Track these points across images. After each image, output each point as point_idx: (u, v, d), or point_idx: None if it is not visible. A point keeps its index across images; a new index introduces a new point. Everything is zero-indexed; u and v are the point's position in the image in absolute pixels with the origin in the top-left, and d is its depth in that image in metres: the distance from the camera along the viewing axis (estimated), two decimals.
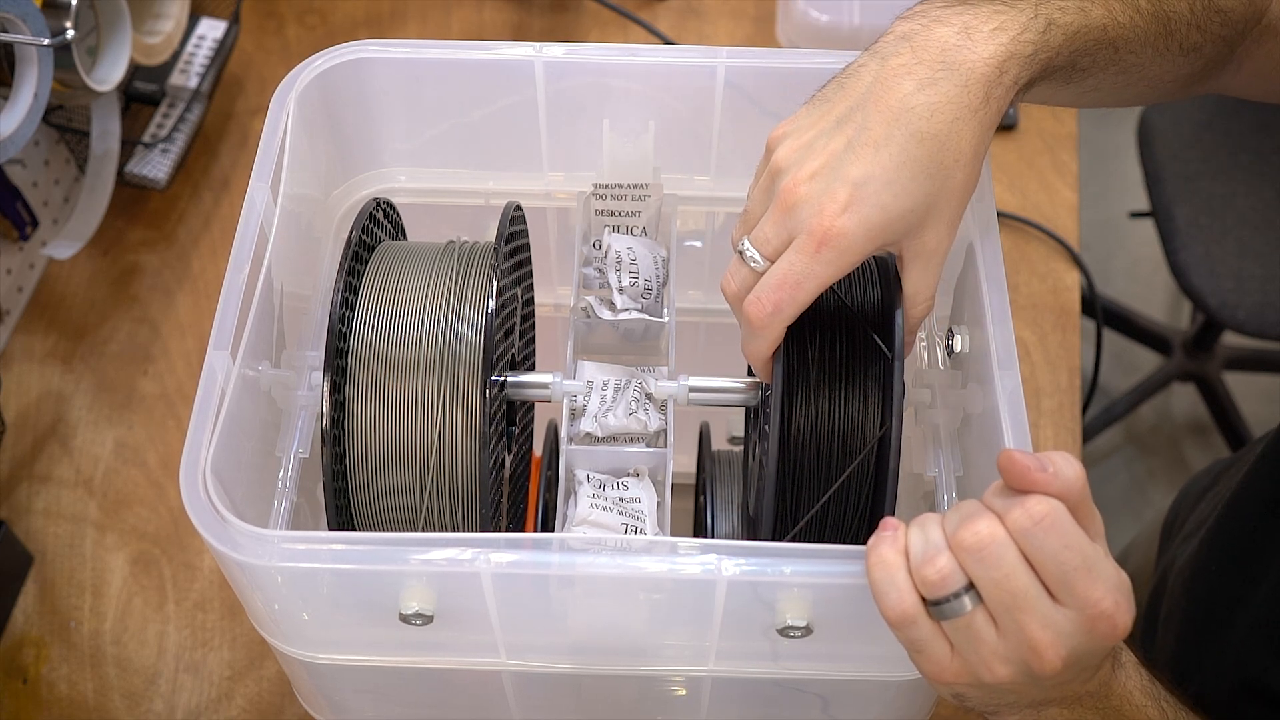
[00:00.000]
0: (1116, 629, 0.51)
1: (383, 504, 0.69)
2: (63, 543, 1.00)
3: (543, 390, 0.72)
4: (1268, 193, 1.56)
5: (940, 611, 0.52)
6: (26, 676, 0.94)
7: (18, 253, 1.11)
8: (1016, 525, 0.51)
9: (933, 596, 0.52)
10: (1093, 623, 0.51)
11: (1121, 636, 0.52)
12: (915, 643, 0.54)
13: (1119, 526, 1.90)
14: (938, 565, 0.52)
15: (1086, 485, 0.53)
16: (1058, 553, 0.50)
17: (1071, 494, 0.52)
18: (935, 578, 0.52)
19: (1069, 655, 0.51)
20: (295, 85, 0.74)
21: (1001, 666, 0.52)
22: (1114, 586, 0.51)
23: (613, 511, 0.68)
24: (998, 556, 0.51)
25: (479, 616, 0.62)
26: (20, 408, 1.07)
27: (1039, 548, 0.51)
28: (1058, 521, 0.51)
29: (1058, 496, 0.51)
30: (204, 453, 0.60)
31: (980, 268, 0.67)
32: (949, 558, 0.52)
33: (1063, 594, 0.51)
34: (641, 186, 0.80)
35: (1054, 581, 0.51)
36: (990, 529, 0.51)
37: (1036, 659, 0.51)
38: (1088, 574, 0.50)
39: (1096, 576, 0.51)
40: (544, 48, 0.76)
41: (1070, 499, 0.52)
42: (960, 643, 0.53)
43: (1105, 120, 2.27)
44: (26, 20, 0.88)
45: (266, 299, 0.67)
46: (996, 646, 0.52)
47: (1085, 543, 0.51)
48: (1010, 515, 0.51)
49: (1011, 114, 1.27)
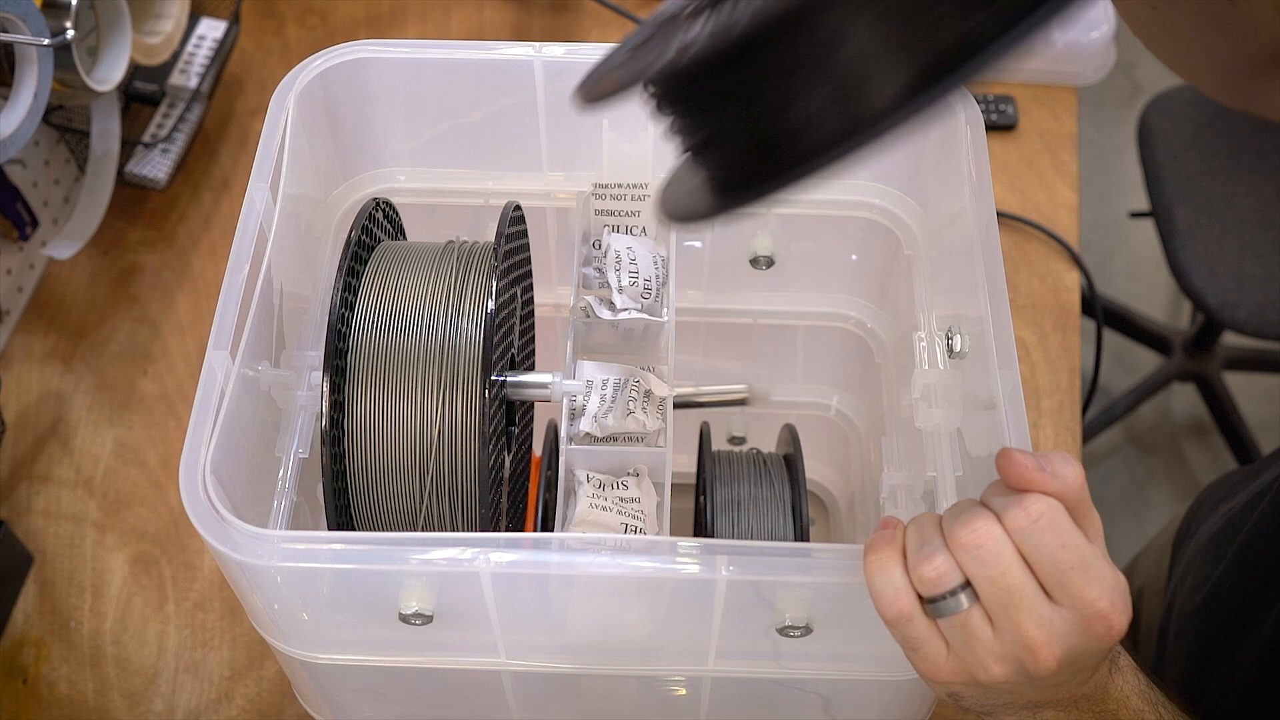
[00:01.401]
0: (1112, 629, 0.51)
1: (382, 504, 0.69)
2: (63, 543, 1.00)
3: (542, 390, 0.72)
4: (1268, 193, 1.56)
5: (936, 609, 0.52)
6: (26, 676, 0.94)
7: (18, 253, 1.11)
8: (1014, 524, 0.51)
9: (929, 594, 0.52)
10: (1089, 623, 0.51)
11: (1117, 637, 0.52)
12: (911, 641, 0.54)
13: (1119, 526, 1.90)
14: (934, 563, 0.52)
15: (1085, 485, 0.53)
16: (1054, 552, 0.50)
17: (1070, 494, 0.52)
18: (932, 575, 0.52)
19: (1064, 655, 0.51)
20: (295, 85, 0.74)
21: (997, 665, 0.52)
22: (1110, 587, 0.51)
23: (612, 511, 0.68)
24: (994, 555, 0.51)
25: (479, 616, 0.62)
26: (20, 408, 1.07)
27: (1035, 547, 0.51)
28: (1055, 521, 0.51)
29: (1055, 496, 0.51)
30: (204, 453, 0.60)
31: (980, 268, 0.67)
32: (946, 556, 0.52)
33: (1059, 593, 0.51)
34: (641, 186, 0.80)
35: (1050, 581, 0.51)
36: (987, 527, 0.51)
37: (1032, 658, 0.51)
38: (1084, 574, 0.50)
39: (1093, 576, 0.51)
40: (544, 48, 0.76)
41: (1068, 499, 0.52)
42: (956, 641, 0.53)
43: (1105, 120, 2.27)
44: (26, 20, 0.88)
45: (266, 299, 0.67)
46: (992, 645, 0.52)
47: (1082, 542, 0.51)
48: (1008, 514, 0.51)
49: (1011, 114, 1.27)
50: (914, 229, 0.80)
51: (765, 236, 0.86)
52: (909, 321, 0.78)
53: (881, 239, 0.83)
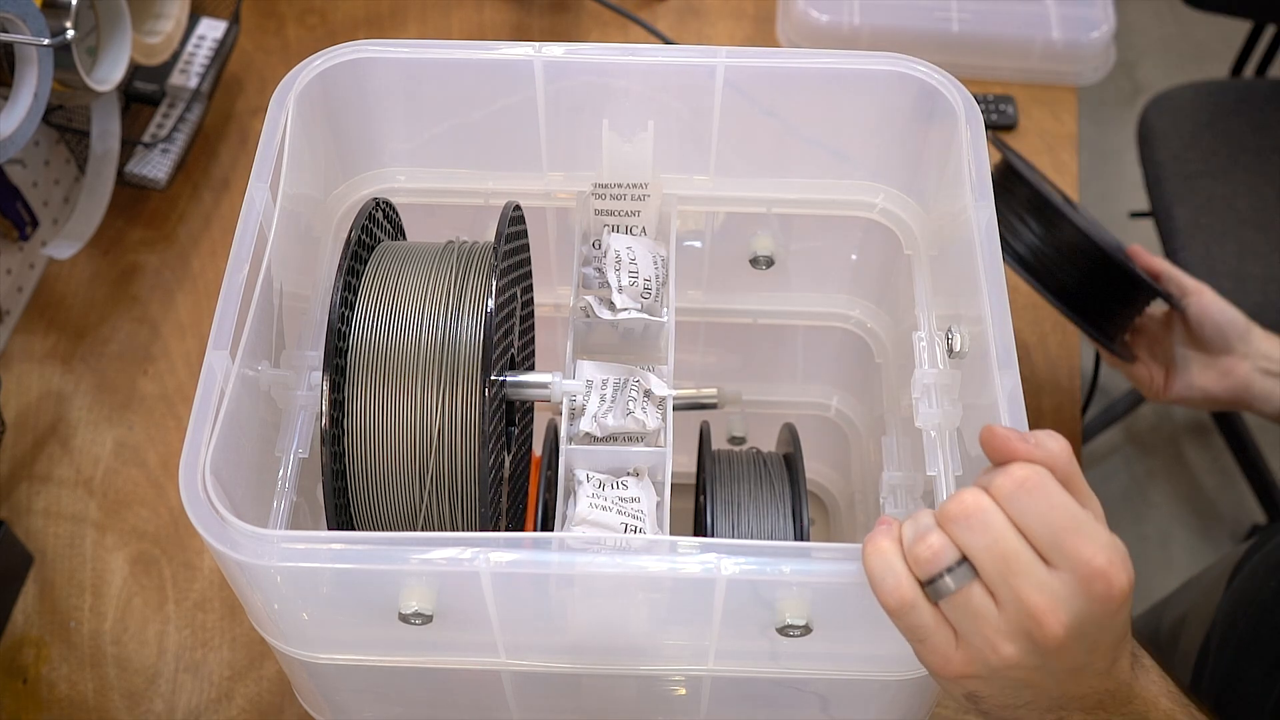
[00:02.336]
0: (1112, 587, 0.50)
1: (382, 504, 0.69)
2: (63, 543, 1.00)
3: (542, 390, 0.72)
4: (1268, 193, 1.56)
5: (936, 590, 0.52)
6: (26, 676, 0.94)
7: (18, 253, 1.11)
8: (1000, 490, 0.51)
9: (926, 575, 0.52)
10: (1088, 583, 0.50)
11: (1120, 598, 0.51)
12: (917, 631, 0.53)
13: (1119, 526, 1.89)
14: (929, 541, 0.52)
15: (1074, 461, 0.53)
16: (1045, 514, 0.50)
17: (1057, 464, 0.52)
18: (927, 554, 0.52)
19: (1070, 621, 0.51)
20: (295, 85, 0.74)
21: (1005, 643, 0.51)
22: (1106, 544, 0.51)
23: (612, 511, 0.68)
24: (984, 522, 0.51)
25: (478, 616, 0.62)
26: (20, 408, 1.07)
27: (1024, 510, 0.51)
28: (1042, 484, 0.51)
29: (1042, 465, 0.52)
30: (203, 453, 0.60)
31: (980, 267, 0.67)
32: (939, 533, 0.52)
33: (1054, 556, 0.51)
34: (641, 186, 0.80)
35: (1044, 544, 0.51)
36: (975, 498, 0.51)
37: (1038, 626, 0.50)
38: (1077, 534, 0.50)
39: (1087, 535, 0.50)
40: (544, 48, 0.76)
41: (1056, 469, 0.52)
42: (961, 623, 0.52)
43: (1105, 120, 2.27)
44: (26, 20, 0.88)
45: (266, 299, 0.67)
46: (997, 622, 0.51)
47: (1072, 504, 0.51)
48: (994, 483, 0.51)
49: (1011, 114, 1.27)
50: (914, 229, 0.80)
51: (765, 236, 0.86)
52: (909, 321, 0.78)
53: (881, 239, 0.83)
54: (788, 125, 0.79)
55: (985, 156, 0.71)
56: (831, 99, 0.78)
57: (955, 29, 1.29)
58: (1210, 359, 1.00)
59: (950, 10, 1.30)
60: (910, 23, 1.30)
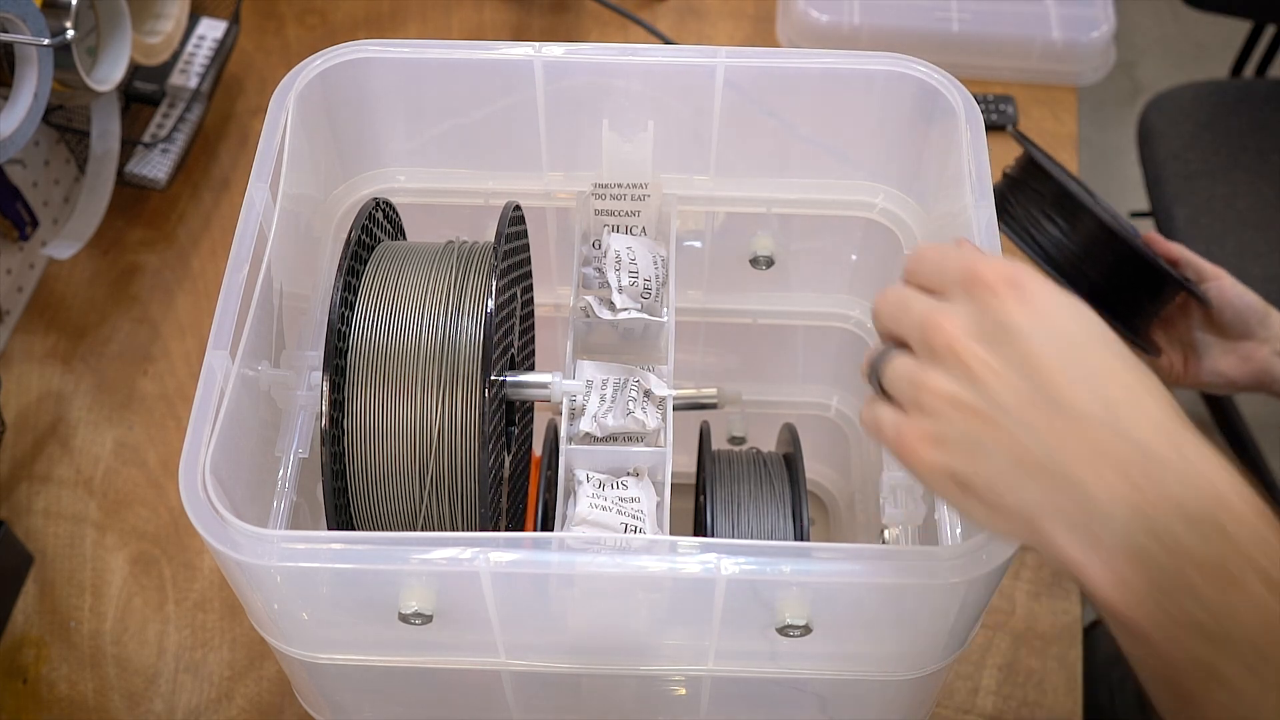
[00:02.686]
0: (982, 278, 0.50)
1: (382, 504, 0.69)
2: (63, 543, 1.00)
3: (542, 390, 0.72)
4: (1268, 193, 1.56)
5: (877, 378, 0.55)
6: (26, 676, 0.94)
7: (18, 253, 1.11)
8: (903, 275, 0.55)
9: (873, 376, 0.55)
10: (967, 285, 0.51)
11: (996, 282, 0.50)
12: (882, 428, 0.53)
13: None
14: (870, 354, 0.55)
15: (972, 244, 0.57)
16: (933, 261, 0.53)
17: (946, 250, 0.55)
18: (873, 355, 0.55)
19: (965, 323, 0.50)
20: (295, 85, 0.74)
21: (926, 374, 0.51)
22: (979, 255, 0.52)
23: (612, 511, 0.68)
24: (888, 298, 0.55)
25: (478, 616, 0.62)
26: (20, 408, 1.07)
27: (916, 271, 0.54)
28: (929, 248, 0.55)
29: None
30: (203, 453, 0.60)
31: None
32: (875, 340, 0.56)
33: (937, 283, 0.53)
34: (641, 186, 0.80)
35: (933, 282, 0.53)
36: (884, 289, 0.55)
37: (935, 333, 0.51)
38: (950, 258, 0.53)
39: (954, 255, 0.53)
40: (543, 48, 0.76)
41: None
42: (895, 387, 0.53)
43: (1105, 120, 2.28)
44: (26, 20, 0.88)
45: (266, 299, 0.67)
46: (914, 364, 0.52)
47: (954, 248, 0.54)
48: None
49: (1011, 114, 1.27)
50: (914, 229, 0.80)
51: (765, 236, 0.86)
52: None
53: (881, 239, 0.83)
54: (788, 125, 0.79)
55: (985, 157, 0.71)
56: (831, 99, 0.78)
57: (955, 29, 1.29)
58: (1230, 344, 0.99)
59: (950, 10, 1.30)
60: (910, 23, 1.30)
